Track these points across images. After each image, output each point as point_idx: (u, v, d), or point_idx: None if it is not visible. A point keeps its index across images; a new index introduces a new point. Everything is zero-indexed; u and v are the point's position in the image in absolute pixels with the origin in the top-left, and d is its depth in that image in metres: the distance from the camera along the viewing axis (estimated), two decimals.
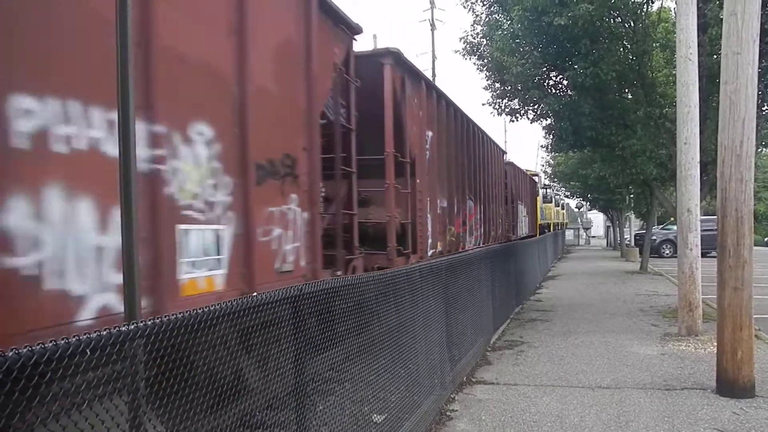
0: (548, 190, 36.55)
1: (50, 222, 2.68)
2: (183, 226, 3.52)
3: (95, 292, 2.88)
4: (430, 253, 8.36)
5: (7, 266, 2.48)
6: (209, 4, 3.94)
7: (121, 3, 2.51)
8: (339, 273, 5.68)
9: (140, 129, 3.06)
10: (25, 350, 1.52)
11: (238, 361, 3.19)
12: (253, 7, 4.21)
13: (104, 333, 1.75)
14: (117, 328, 1.81)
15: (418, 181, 7.87)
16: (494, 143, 15.28)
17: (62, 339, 1.63)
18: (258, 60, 4.32)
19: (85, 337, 1.67)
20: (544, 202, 32.41)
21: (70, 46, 2.84)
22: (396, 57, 7.18)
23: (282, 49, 4.83)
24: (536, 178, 28.12)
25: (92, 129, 2.92)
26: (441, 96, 9.41)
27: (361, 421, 3.74)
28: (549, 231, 30.25)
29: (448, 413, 5.39)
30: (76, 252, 2.81)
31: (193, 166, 3.64)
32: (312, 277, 5.00)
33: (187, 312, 2.18)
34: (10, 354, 1.49)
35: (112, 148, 2.88)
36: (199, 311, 2.24)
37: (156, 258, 3.32)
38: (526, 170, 24.18)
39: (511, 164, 18.96)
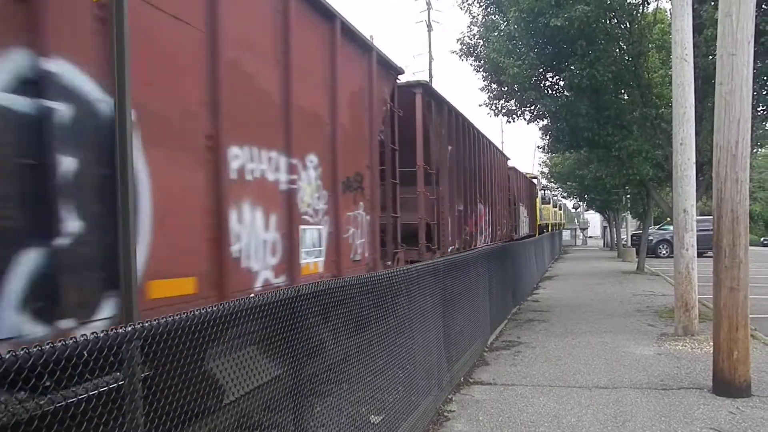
0: (546, 192, 37.78)
1: (244, 224, 4.29)
2: (302, 227, 5.18)
3: (262, 269, 4.49)
4: (450, 250, 9.75)
5: (226, 252, 4.03)
6: (315, 69, 5.58)
7: (118, 5, 2.51)
8: (389, 263, 7.35)
9: (283, 161, 4.88)
10: (22, 353, 1.52)
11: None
12: (340, 68, 5.93)
13: (101, 335, 1.76)
14: (114, 330, 1.81)
15: (440, 188, 9.27)
16: (499, 151, 17.10)
17: (60, 341, 1.63)
18: (341, 105, 6.03)
19: (82, 339, 1.68)
20: (542, 203, 33.57)
21: (252, 114, 4.51)
22: (425, 87, 8.90)
23: (354, 94, 6.54)
24: (535, 181, 29.44)
25: (262, 164, 4.57)
26: (458, 115, 10.99)
27: (358, 422, 3.75)
28: (547, 231, 31.55)
29: (445, 414, 5.39)
30: (254, 243, 4.41)
31: (308, 184, 5.30)
32: (373, 266, 6.70)
33: (183, 314, 2.20)
34: (8, 357, 1.49)
35: (270, 175, 4.69)
36: (201, 311, 2.25)
37: (290, 248, 4.91)
38: (526, 173, 25.69)
39: (513, 169, 20.30)
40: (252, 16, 4.58)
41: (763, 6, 9.71)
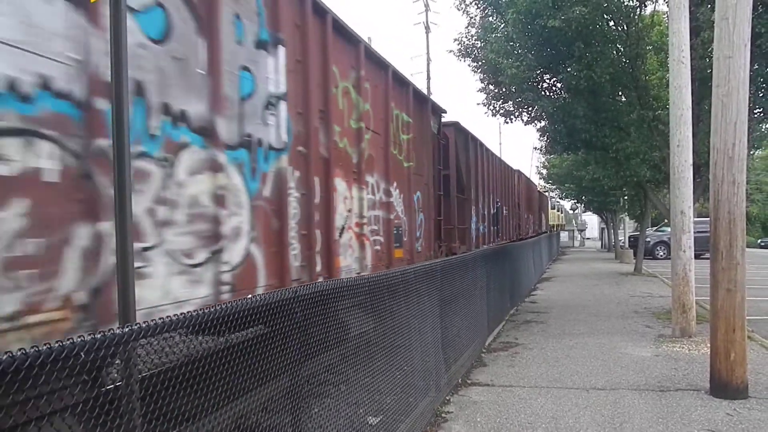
0: (552, 200, 45.87)
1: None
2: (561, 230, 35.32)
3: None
4: (524, 234, 20.96)
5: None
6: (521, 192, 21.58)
7: (116, 4, 2.51)
8: (514, 240, 17.19)
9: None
10: (19, 353, 1.52)
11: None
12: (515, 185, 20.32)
13: (98, 336, 1.75)
14: (111, 331, 1.81)
15: (522, 209, 20.78)
16: (534, 183, 30.72)
17: (56, 342, 1.63)
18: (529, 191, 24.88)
19: (79, 339, 1.67)
20: (550, 209, 44.07)
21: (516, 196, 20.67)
22: (520, 173, 21.16)
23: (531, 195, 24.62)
24: (546, 194, 41.25)
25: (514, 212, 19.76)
26: (524, 175, 23.52)
27: (356, 424, 3.75)
28: (555, 229, 43.77)
29: (443, 415, 5.39)
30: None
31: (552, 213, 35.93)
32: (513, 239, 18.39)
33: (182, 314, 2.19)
34: (4, 357, 1.49)
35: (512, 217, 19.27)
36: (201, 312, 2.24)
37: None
38: (542, 190, 38.70)
39: (539, 191, 33.08)
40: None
41: (759, 9, 9.74)
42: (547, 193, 41.29)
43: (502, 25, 13.17)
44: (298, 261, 4.76)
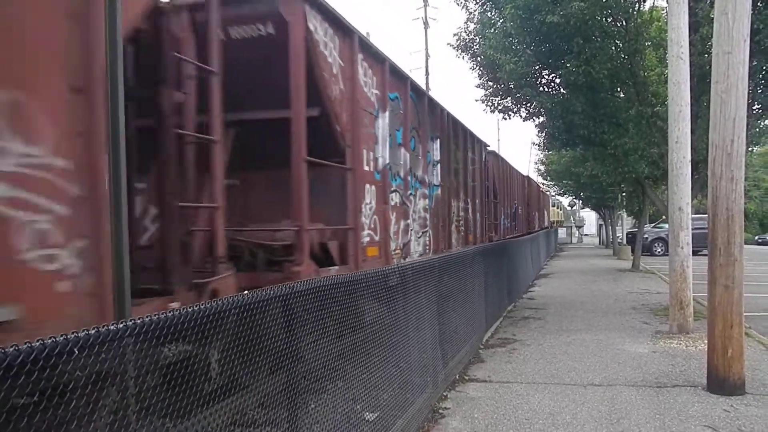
0: (552, 198, 49.05)
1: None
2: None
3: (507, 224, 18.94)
4: (533, 228, 25.26)
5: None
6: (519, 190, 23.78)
7: (111, 3, 2.50)
8: (528, 234, 21.39)
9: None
10: (11, 349, 1.51)
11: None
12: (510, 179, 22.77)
13: (93, 332, 1.74)
14: (105, 327, 1.80)
15: (531, 207, 25.61)
16: (538, 185, 34.90)
17: (50, 338, 1.62)
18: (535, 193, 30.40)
19: (73, 336, 1.66)
20: (551, 206, 48.68)
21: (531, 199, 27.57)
22: (528, 179, 26.48)
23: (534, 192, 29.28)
24: (547, 193, 44.16)
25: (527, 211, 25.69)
26: (531, 179, 28.57)
27: (353, 419, 3.74)
28: (553, 225, 46.77)
29: (440, 411, 5.39)
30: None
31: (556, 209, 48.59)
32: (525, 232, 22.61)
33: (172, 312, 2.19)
34: (10, 350, 1.48)
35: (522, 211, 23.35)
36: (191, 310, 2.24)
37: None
38: (545, 190, 41.79)
39: (544, 192, 38.16)
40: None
41: (759, 4, 9.73)
42: (548, 192, 43.51)
43: (501, 21, 13.15)
44: (440, 238, 9.34)
